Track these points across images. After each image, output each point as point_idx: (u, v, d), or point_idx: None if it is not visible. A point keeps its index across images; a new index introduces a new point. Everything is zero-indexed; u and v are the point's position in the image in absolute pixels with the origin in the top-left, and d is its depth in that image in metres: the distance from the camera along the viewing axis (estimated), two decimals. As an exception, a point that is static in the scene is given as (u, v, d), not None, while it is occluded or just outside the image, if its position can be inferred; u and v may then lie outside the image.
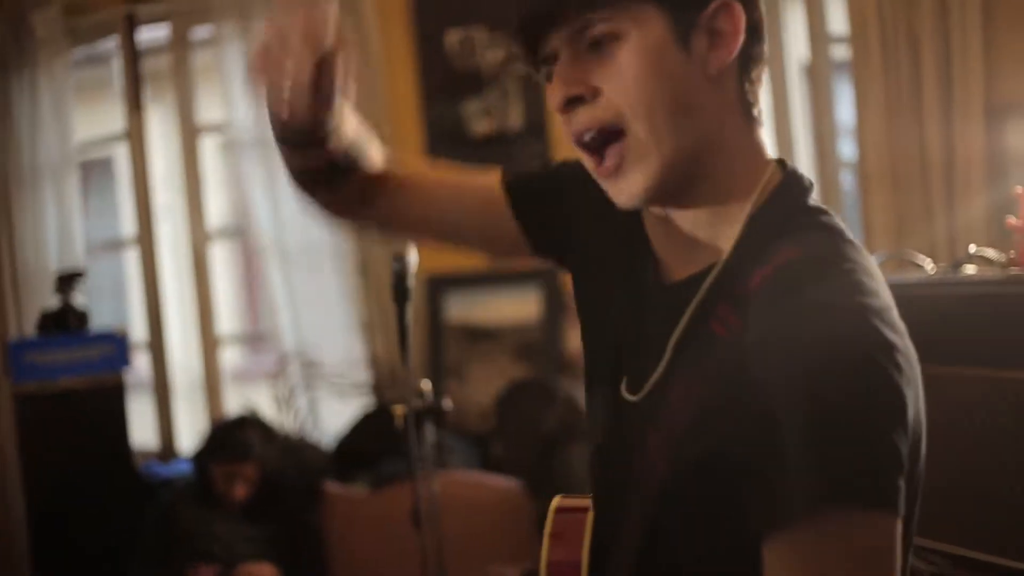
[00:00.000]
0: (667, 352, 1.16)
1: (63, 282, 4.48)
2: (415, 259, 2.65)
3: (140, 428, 4.78)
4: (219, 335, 5.05)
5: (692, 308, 1.15)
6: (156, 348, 5.07)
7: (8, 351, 4.40)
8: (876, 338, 1.01)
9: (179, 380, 5.25)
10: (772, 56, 3.80)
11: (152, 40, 5.08)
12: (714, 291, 1.14)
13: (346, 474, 4.20)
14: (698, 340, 1.13)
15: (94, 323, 4.56)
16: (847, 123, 3.81)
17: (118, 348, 4.43)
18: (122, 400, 4.37)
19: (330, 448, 4.40)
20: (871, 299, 1.04)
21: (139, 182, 5.04)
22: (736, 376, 1.03)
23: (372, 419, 4.30)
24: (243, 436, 4.02)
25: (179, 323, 5.49)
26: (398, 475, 3.80)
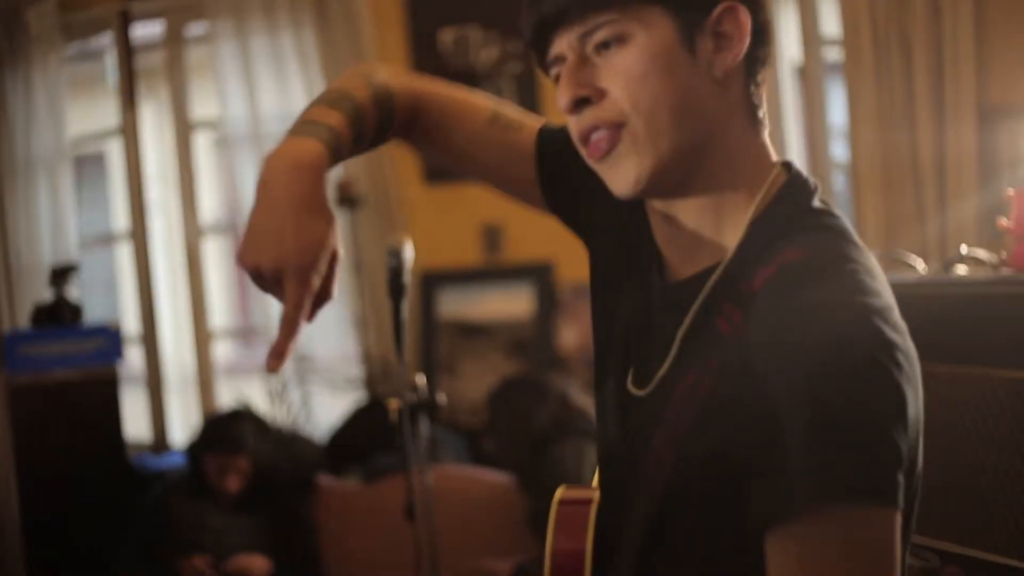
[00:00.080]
0: (673, 348, 1.18)
1: (57, 275, 4.49)
2: (411, 254, 2.67)
3: (133, 421, 4.80)
4: (212, 329, 5.07)
5: (698, 305, 1.16)
6: (149, 342, 5.08)
7: (2, 343, 4.40)
8: (877, 337, 1.02)
9: (172, 373, 5.26)
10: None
11: (146, 36, 5.09)
12: (719, 289, 1.15)
13: (339, 467, 4.21)
14: (703, 337, 1.15)
15: (87, 316, 4.57)
16: (839, 124, 3.83)
17: (111, 341, 4.43)
18: (115, 393, 4.38)
19: (323, 441, 4.41)
20: (872, 299, 1.06)
21: (132, 177, 5.05)
22: (740, 374, 1.05)
23: (365, 413, 4.31)
24: (236, 429, 4.02)
25: (172, 317, 5.49)
26: (391, 468, 3.82)
